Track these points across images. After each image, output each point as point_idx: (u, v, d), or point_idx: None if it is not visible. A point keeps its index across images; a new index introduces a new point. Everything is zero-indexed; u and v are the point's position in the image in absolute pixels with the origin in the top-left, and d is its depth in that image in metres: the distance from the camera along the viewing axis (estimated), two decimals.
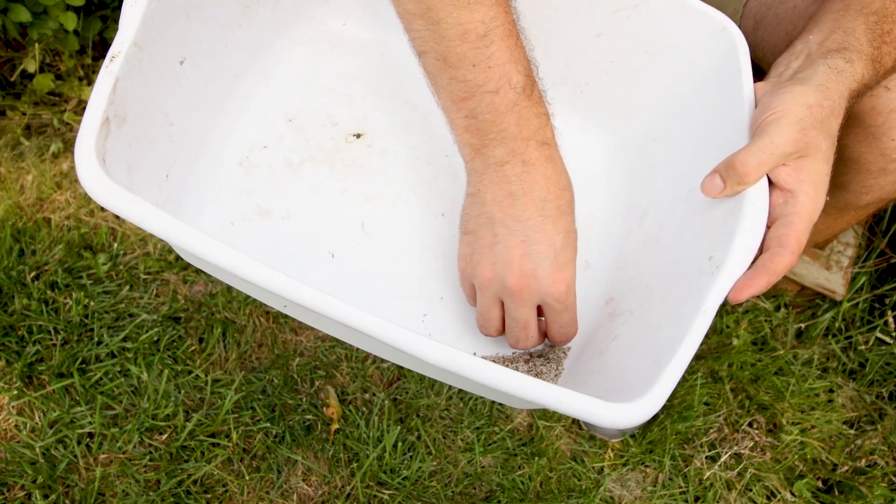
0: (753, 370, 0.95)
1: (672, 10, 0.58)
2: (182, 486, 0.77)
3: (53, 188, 0.96)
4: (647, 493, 0.85)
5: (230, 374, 0.85)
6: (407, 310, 0.59)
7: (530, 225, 0.47)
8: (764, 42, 0.64)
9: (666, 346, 0.41)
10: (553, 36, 0.65)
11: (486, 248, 0.49)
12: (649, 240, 0.58)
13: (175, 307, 0.87)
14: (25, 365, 0.81)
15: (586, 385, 0.49)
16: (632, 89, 0.64)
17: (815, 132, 0.44)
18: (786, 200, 0.45)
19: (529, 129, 0.45)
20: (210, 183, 0.60)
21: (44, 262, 0.89)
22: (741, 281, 0.42)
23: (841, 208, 0.65)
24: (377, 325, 0.39)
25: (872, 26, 0.48)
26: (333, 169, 0.64)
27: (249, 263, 0.39)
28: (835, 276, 0.99)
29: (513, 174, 0.46)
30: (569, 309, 0.50)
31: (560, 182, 0.47)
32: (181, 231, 0.39)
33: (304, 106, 0.66)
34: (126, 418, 0.80)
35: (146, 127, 0.49)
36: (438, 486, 0.81)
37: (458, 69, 0.43)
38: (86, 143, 0.41)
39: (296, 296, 0.39)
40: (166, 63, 0.51)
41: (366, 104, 0.68)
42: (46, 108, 1.04)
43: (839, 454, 0.91)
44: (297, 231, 0.60)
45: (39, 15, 0.93)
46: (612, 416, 0.37)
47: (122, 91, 0.44)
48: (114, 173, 0.42)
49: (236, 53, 0.62)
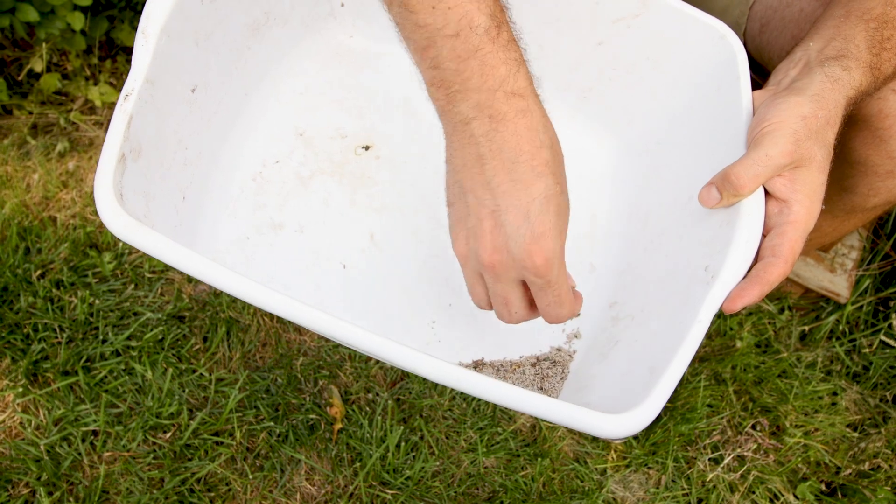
0: (757, 372, 0.95)
1: (671, 19, 0.58)
2: (186, 485, 0.77)
3: (59, 187, 0.96)
4: (650, 495, 0.85)
5: (234, 373, 0.85)
6: (416, 317, 0.59)
7: (500, 192, 0.42)
8: (770, 45, 0.64)
9: (662, 355, 0.42)
10: (556, 44, 0.66)
11: (461, 221, 0.45)
12: (651, 245, 0.58)
13: (179, 306, 0.88)
14: (30, 363, 0.82)
15: (589, 389, 0.49)
16: (634, 96, 0.65)
17: (809, 143, 0.44)
18: (780, 210, 0.45)
19: (496, 78, 0.40)
20: (225, 199, 0.61)
21: (49, 261, 0.89)
22: (735, 291, 0.43)
23: (848, 211, 0.65)
24: (375, 342, 0.40)
25: (873, 33, 0.48)
26: (342, 181, 0.65)
27: (261, 290, 0.40)
28: (839, 279, 0.99)
29: (480, 133, 0.41)
30: (552, 285, 0.44)
31: (535, 139, 0.41)
32: (197, 263, 0.40)
33: (313, 119, 0.67)
34: (130, 416, 0.80)
35: (161, 156, 0.50)
36: (441, 487, 0.81)
37: (419, 13, 0.40)
38: (103, 181, 0.42)
39: (300, 318, 0.40)
40: (178, 93, 0.52)
41: (374, 116, 0.69)
42: (53, 107, 1.05)
43: (843, 457, 0.90)
44: (309, 243, 0.61)
45: (47, 14, 0.94)
46: (607, 428, 0.38)
47: (136, 127, 0.45)
48: (131, 206, 0.43)
49: (246, 73, 0.63)
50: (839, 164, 0.61)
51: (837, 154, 0.61)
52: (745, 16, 0.66)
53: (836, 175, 0.63)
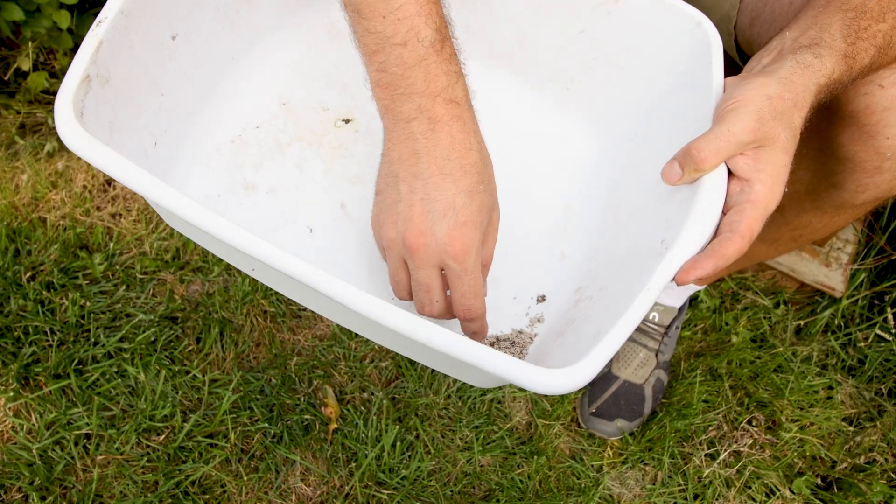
0: (752, 367, 0.95)
1: (649, 5, 0.59)
2: (180, 488, 0.77)
3: (49, 187, 0.95)
4: (647, 492, 0.85)
5: (228, 374, 0.84)
6: (380, 289, 0.60)
7: (431, 183, 0.46)
8: (760, 38, 0.63)
9: (608, 323, 0.42)
10: (539, 32, 0.66)
11: (391, 207, 0.48)
12: (620, 230, 0.59)
13: (172, 307, 0.87)
14: (22, 366, 0.81)
15: (541, 363, 0.49)
16: (616, 85, 0.65)
17: (773, 122, 0.44)
18: (742, 189, 0.45)
19: (437, 86, 0.45)
20: (200, 156, 0.62)
21: (39, 263, 0.89)
22: (688, 263, 0.43)
23: (837, 207, 0.64)
24: (309, 272, 0.40)
25: (850, 22, 0.48)
26: (320, 150, 0.66)
27: (206, 214, 0.41)
28: (834, 273, 0.99)
29: (418, 131, 0.46)
30: (468, 273, 0.48)
31: (466, 141, 0.47)
32: (142, 179, 0.41)
33: (298, 91, 0.68)
34: (123, 419, 0.79)
35: (132, 92, 0.51)
36: (437, 486, 0.81)
37: (370, 20, 0.44)
38: (65, 95, 0.43)
39: (237, 242, 0.41)
40: (156, 35, 0.53)
41: (359, 92, 0.69)
42: (41, 106, 1.03)
43: (838, 451, 0.90)
44: (279, 206, 0.62)
45: (33, 13, 0.92)
46: (541, 382, 0.38)
47: (106, 53, 0.47)
48: (93, 128, 0.44)
49: (234, 37, 0.63)
50: (827, 161, 0.61)
51: (825, 150, 0.60)
52: (736, 9, 0.66)
53: (824, 171, 0.62)
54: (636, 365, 0.89)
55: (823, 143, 0.60)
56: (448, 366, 0.53)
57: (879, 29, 0.47)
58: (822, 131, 0.59)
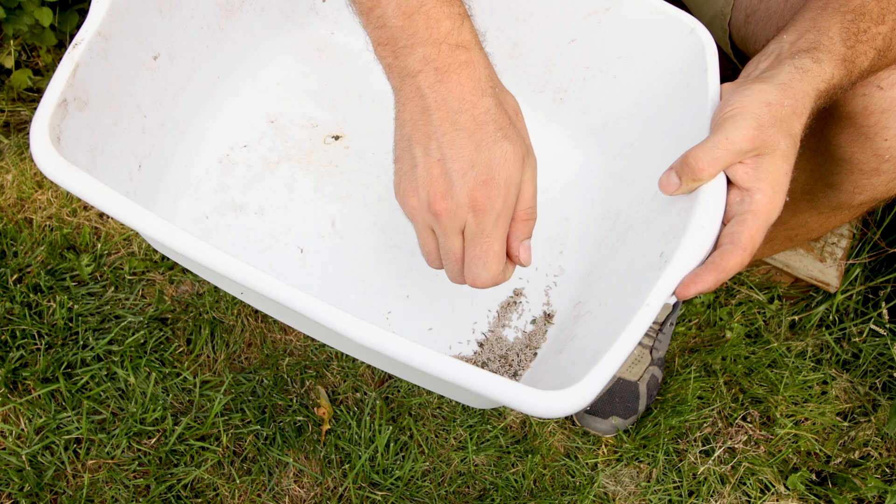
0: (747, 363, 0.95)
1: (641, 13, 0.58)
2: (172, 492, 0.76)
3: (34, 188, 0.94)
4: (641, 489, 0.85)
5: (219, 375, 0.83)
6: (372, 307, 0.59)
7: (445, 141, 0.43)
8: (755, 36, 0.62)
9: (607, 341, 0.41)
10: (530, 42, 0.65)
11: (409, 174, 0.45)
12: (618, 243, 0.58)
13: (162, 308, 0.86)
14: (9, 371, 0.80)
15: (538, 384, 0.49)
16: (610, 95, 0.65)
17: (773, 130, 0.43)
18: (742, 199, 0.44)
19: (441, 31, 0.42)
20: (187, 177, 0.60)
21: (26, 265, 0.87)
22: (689, 277, 0.42)
23: (834, 207, 0.64)
24: (297, 298, 0.39)
25: (848, 25, 0.46)
26: (309, 168, 0.65)
27: (183, 237, 0.40)
28: (829, 268, 0.99)
29: (426, 85, 0.43)
30: (483, 236, 0.44)
31: (478, 88, 0.43)
32: (120, 205, 0.40)
33: (286, 108, 0.67)
34: (114, 423, 0.79)
35: (113, 114, 0.50)
36: (431, 486, 0.80)
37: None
38: (40, 120, 0.42)
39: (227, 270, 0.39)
40: (136, 56, 0.52)
41: (347, 109, 0.69)
42: (25, 104, 1.02)
43: (833, 446, 0.90)
44: (268, 226, 0.61)
45: (14, 10, 0.90)
46: (538, 405, 0.37)
47: (84, 76, 0.45)
48: (71, 153, 0.43)
49: (220, 55, 0.62)
50: (824, 161, 0.60)
51: (822, 151, 0.60)
52: (731, 5, 0.65)
53: (820, 172, 0.62)
54: (630, 362, 0.89)
55: (820, 144, 0.59)
56: (445, 388, 0.52)
57: (879, 31, 0.46)
58: (819, 132, 0.58)
